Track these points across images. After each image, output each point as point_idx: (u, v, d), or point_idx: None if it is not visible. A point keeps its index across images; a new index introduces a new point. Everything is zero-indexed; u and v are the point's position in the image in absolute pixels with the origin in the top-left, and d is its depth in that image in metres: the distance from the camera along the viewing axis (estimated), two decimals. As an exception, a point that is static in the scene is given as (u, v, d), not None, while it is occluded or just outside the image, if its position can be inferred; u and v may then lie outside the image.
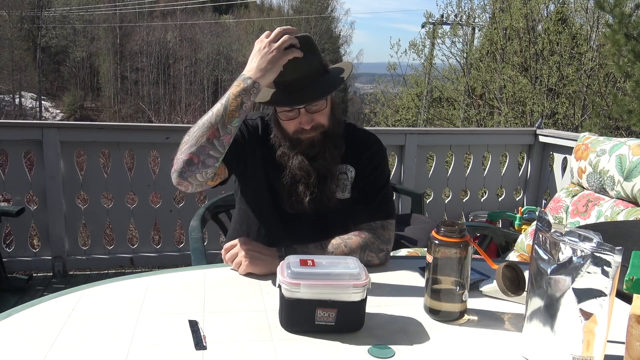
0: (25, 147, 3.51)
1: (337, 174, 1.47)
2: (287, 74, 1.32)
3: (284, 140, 1.42)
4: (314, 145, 1.40)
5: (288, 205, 1.44)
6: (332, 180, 1.45)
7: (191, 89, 35.43)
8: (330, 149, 1.42)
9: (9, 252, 3.52)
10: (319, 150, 1.40)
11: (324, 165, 1.42)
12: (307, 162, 1.40)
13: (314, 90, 1.34)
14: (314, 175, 1.41)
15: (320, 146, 1.40)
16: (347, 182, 1.48)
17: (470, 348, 1.01)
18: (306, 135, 1.39)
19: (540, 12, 11.56)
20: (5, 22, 32.58)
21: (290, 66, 1.31)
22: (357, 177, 1.48)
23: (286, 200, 1.44)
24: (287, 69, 1.31)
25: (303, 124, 1.37)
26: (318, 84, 1.35)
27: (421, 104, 15.10)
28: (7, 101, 32.94)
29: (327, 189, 1.44)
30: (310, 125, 1.37)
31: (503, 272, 1.12)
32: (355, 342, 1.01)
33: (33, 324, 1.05)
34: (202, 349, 0.97)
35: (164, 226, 3.73)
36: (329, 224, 1.45)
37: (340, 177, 1.47)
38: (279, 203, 1.46)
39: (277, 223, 1.49)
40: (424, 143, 4.05)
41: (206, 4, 40.20)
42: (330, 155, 1.42)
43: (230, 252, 1.35)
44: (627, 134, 8.36)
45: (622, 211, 1.96)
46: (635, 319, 0.86)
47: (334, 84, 1.39)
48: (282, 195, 1.45)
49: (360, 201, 1.48)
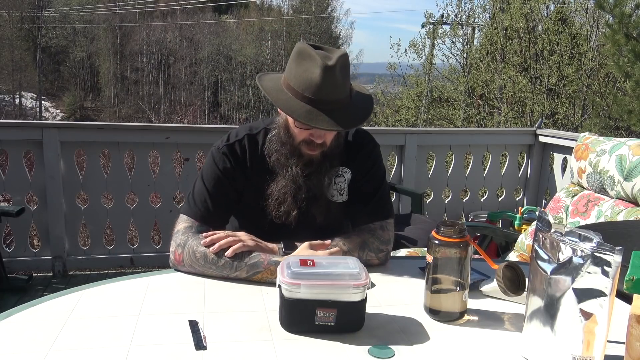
0: (25, 147, 3.51)
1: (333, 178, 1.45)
2: (321, 92, 1.27)
3: (284, 146, 1.40)
4: (312, 164, 1.39)
5: (274, 215, 1.43)
6: (323, 202, 1.44)
7: (191, 89, 35.42)
8: (326, 170, 1.41)
9: (9, 252, 3.52)
10: (315, 170, 1.40)
11: (317, 185, 1.41)
12: (301, 177, 1.39)
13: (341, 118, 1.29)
14: (304, 192, 1.40)
15: (317, 166, 1.39)
16: (344, 185, 1.47)
17: (470, 348, 1.01)
18: (309, 151, 1.37)
19: (540, 12, 11.56)
20: (5, 22, 32.58)
21: (327, 85, 1.27)
22: (353, 177, 1.48)
23: (272, 208, 1.42)
24: (324, 88, 1.27)
25: (315, 137, 1.35)
26: (346, 112, 1.31)
27: (421, 104, 15.10)
28: (7, 101, 32.96)
29: (315, 209, 1.43)
30: (321, 140, 1.36)
31: (503, 272, 1.12)
32: (355, 342, 1.01)
33: (33, 324, 1.05)
34: (202, 349, 0.97)
35: (164, 226, 3.73)
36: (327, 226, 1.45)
37: (337, 181, 1.46)
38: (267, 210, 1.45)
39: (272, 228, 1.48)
40: (424, 143, 4.04)
41: (206, 4, 40.17)
42: (324, 177, 1.41)
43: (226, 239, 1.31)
44: (627, 134, 8.36)
45: (622, 211, 1.96)
46: (636, 319, 0.86)
47: (361, 118, 1.35)
48: (269, 203, 1.43)
49: (358, 202, 1.47)
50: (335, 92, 1.29)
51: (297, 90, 1.29)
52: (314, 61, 1.28)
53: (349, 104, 1.33)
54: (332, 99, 1.29)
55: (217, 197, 1.42)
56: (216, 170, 1.43)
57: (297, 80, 1.30)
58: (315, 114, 1.27)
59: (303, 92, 1.28)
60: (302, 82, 1.29)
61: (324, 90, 1.27)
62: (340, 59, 1.29)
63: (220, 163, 1.43)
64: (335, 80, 1.28)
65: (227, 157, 1.43)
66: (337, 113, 1.28)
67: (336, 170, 1.46)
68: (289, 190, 1.40)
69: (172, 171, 3.71)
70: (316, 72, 1.27)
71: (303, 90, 1.28)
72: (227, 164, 1.43)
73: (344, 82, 1.31)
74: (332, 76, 1.27)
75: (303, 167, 1.38)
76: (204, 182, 1.43)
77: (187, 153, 3.66)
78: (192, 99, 32.10)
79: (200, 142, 3.62)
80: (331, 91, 1.28)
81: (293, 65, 1.33)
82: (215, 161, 1.44)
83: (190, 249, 1.32)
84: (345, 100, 1.32)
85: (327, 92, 1.28)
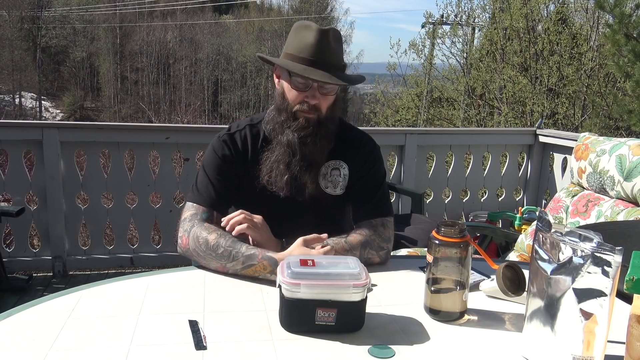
0: (25, 147, 3.51)
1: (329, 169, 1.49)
2: (316, 53, 1.37)
3: (281, 114, 1.45)
4: (308, 125, 1.42)
5: (265, 180, 1.45)
6: (315, 171, 1.46)
7: (191, 89, 35.42)
8: (321, 139, 1.43)
9: (9, 252, 3.52)
10: (311, 132, 1.42)
11: (312, 151, 1.43)
12: (297, 142, 1.41)
13: (334, 75, 1.38)
14: (298, 156, 1.42)
15: (314, 129, 1.42)
16: (340, 179, 1.50)
17: (470, 348, 1.01)
18: (304, 113, 1.41)
19: (540, 12, 11.56)
20: (5, 22, 32.57)
21: (321, 46, 1.37)
22: (352, 175, 1.50)
23: (265, 173, 1.45)
24: (319, 48, 1.37)
25: (308, 98, 1.40)
26: (338, 73, 1.40)
27: (421, 104, 15.10)
28: (7, 101, 32.94)
29: (308, 177, 1.45)
30: (314, 101, 1.40)
31: (503, 272, 1.12)
32: (355, 342, 1.01)
33: (33, 324, 1.05)
34: (202, 349, 0.97)
35: (164, 226, 3.73)
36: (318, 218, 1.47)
37: (333, 173, 1.49)
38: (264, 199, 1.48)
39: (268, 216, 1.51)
40: (424, 143, 4.04)
41: (206, 4, 40.18)
42: (320, 143, 1.44)
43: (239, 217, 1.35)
44: (627, 134, 8.37)
45: (622, 211, 1.96)
46: (636, 319, 0.86)
47: (350, 80, 1.46)
48: (262, 169, 1.46)
49: (359, 199, 1.49)
50: (329, 55, 1.39)
51: (294, 54, 1.39)
52: (309, 28, 1.40)
53: (342, 70, 1.43)
54: (327, 61, 1.38)
55: (219, 182, 1.46)
56: (216, 157, 1.48)
57: (294, 46, 1.41)
58: (310, 70, 1.36)
59: (299, 55, 1.38)
60: (298, 46, 1.39)
61: (317, 51, 1.37)
62: (333, 29, 1.42)
63: (219, 151, 1.49)
64: (329, 45, 1.39)
65: (226, 145, 1.49)
66: (331, 72, 1.37)
67: (333, 163, 1.49)
68: (282, 158, 1.43)
69: (172, 171, 3.71)
70: (311, 35, 1.38)
71: (299, 52, 1.38)
72: (227, 151, 1.48)
73: (337, 50, 1.41)
74: (326, 40, 1.38)
75: (299, 130, 1.42)
76: (205, 170, 1.49)
77: (187, 153, 3.66)
78: (192, 99, 32.08)
79: (200, 142, 3.61)
80: (325, 53, 1.38)
81: (291, 38, 1.44)
82: (214, 149, 1.50)
83: (194, 235, 1.36)
84: (339, 67, 1.42)
85: (320, 53, 1.37)
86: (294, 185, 1.45)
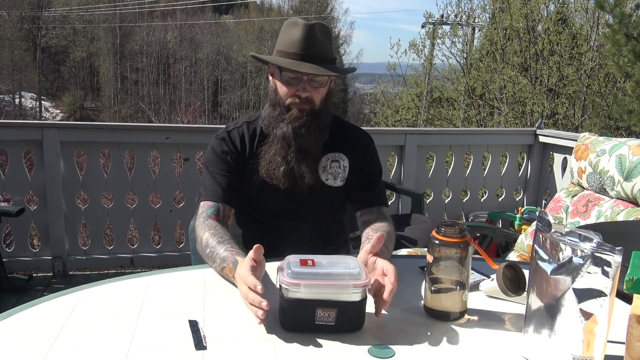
0: (25, 147, 3.51)
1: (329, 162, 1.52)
2: (304, 47, 1.40)
3: (275, 109, 1.47)
4: (302, 116, 1.43)
5: (264, 173, 1.47)
6: (312, 162, 1.48)
7: (191, 89, 35.41)
8: (315, 130, 1.45)
9: (9, 252, 3.51)
10: (304, 123, 1.43)
11: (307, 142, 1.45)
12: (292, 133, 1.43)
13: (323, 67, 1.41)
14: (294, 147, 1.44)
15: (308, 119, 1.44)
16: (340, 170, 1.53)
17: (470, 348, 1.01)
18: (297, 105, 1.44)
19: (540, 12, 11.56)
20: (5, 22, 32.57)
21: (308, 41, 1.40)
22: (352, 167, 1.54)
23: (263, 167, 1.47)
24: (306, 43, 1.40)
25: (300, 91, 1.42)
26: (327, 65, 1.43)
27: (421, 104, 15.11)
28: (7, 101, 32.94)
29: (305, 168, 1.47)
30: (306, 94, 1.42)
31: (503, 272, 1.12)
32: (355, 342, 1.01)
33: (33, 324, 1.05)
34: (202, 349, 0.97)
35: (164, 226, 3.73)
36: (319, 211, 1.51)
37: (332, 165, 1.52)
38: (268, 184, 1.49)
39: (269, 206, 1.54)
40: (424, 143, 4.04)
41: (206, 4, 40.18)
42: (314, 134, 1.45)
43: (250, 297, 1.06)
44: (627, 134, 8.36)
45: (622, 211, 1.96)
46: (636, 319, 0.86)
47: (339, 70, 1.49)
48: (260, 163, 1.48)
49: (361, 188, 1.54)
50: (317, 49, 1.41)
51: (283, 50, 1.43)
52: (296, 24, 1.43)
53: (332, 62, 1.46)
54: (315, 54, 1.40)
55: (222, 176, 1.49)
56: (216, 154, 1.52)
57: (283, 43, 1.44)
58: (298, 64, 1.40)
59: (288, 50, 1.42)
60: (286, 42, 1.43)
61: (305, 45, 1.40)
62: (319, 23, 1.44)
63: (217, 148, 1.52)
64: (317, 38, 1.41)
65: (225, 142, 1.52)
66: (320, 65, 1.40)
67: (332, 155, 1.52)
68: (279, 150, 1.46)
69: (172, 171, 3.71)
70: (298, 31, 1.41)
71: (288, 48, 1.42)
72: (225, 147, 1.51)
73: (325, 43, 1.44)
74: (313, 34, 1.41)
75: (292, 121, 1.43)
76: (207, 168, 1.52)
77: (187, 153, 3.66)
78: (192, 99, 32.05)
79: (200, 142, 3.61)
80: (313, 46, 1.40)
81: (281, 36, 1.47)
82: (213, 147, 1.53)
83: (197, 235, 1.41)
84: (328, 59, 1.44)
85: (308, 47, 1.40)
86: (292, 177, 1.47)
